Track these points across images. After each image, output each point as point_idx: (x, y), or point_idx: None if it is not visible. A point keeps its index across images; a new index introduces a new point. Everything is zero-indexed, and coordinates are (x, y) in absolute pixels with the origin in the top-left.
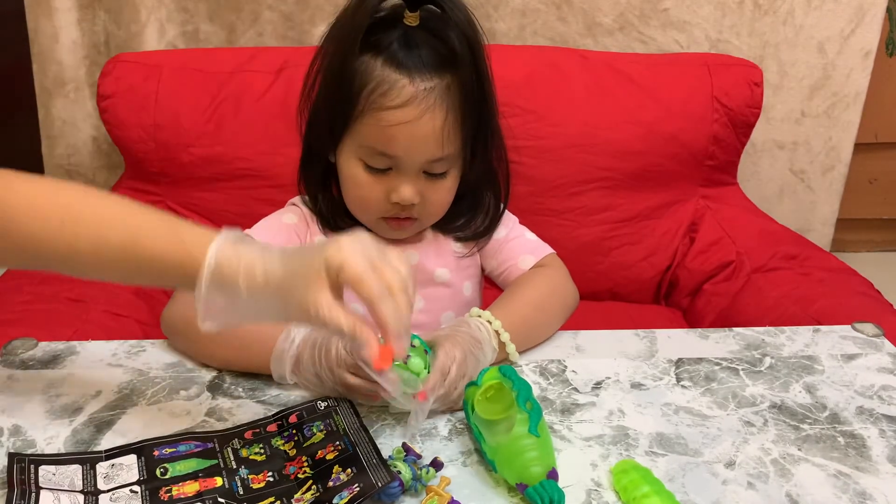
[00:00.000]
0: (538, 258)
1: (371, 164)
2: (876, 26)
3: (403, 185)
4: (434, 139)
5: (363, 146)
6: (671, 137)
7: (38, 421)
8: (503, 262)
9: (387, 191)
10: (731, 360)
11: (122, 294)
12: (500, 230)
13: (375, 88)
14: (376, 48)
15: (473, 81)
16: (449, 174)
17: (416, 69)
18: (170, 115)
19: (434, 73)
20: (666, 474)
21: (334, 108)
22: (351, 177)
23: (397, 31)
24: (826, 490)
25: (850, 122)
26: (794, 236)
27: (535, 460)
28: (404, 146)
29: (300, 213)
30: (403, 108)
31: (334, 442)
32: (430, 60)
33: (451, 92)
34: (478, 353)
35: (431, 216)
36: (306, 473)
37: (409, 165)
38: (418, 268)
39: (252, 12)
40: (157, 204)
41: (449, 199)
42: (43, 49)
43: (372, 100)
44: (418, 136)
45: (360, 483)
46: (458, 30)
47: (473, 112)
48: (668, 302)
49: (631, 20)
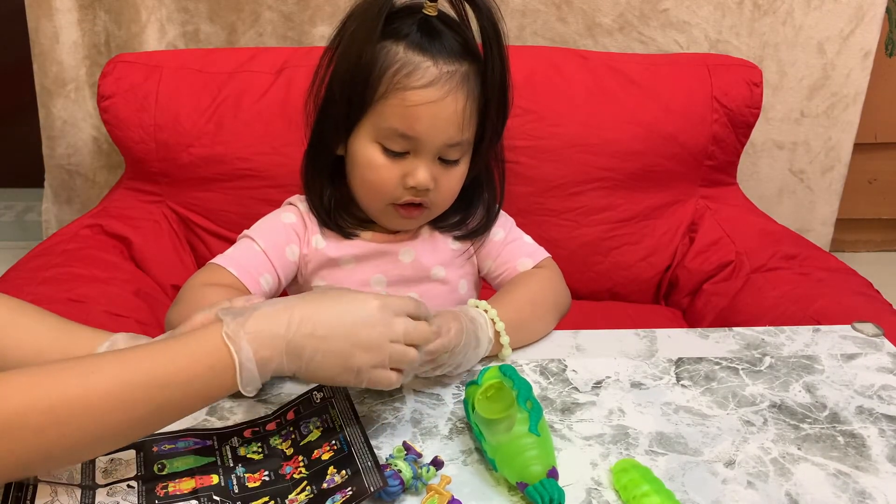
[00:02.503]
0: (536, 261)
1: (390, 147)
2: (875, 26)
3: (420, 168)
4: (455, 121)
5: (384, 128)
6: (671, 138)
7: None
8: (501, 265)
9: (402, 175)
10: (731, 360)
11: (122, 294)
12: (498, 232)
13: (400, 69)
14: (396, 35)
15: (491, 71)
16: (461, 162)
17: (439, 53)
18: (170, 115)
19: (456, 58)
20: (666, 473)
21: (352, 93)
22: (367, 161)
23: (416, 19)
24: (826, 489)
25: (849, 122)
26: (794, 236)
27: (535, 459)
28: (427, 126)
29: (298, 212)
30: (428, 88)
31: (330, 441)
32: (451, 47)
33: (470, 79)
34: (478, 332)
35: (440, 205)
36: (302, 474)
37: (428, 148)
38: (414, 265)
39: (252, 12)
40: (157, 204)
41: (457, 189)
42: (43, 49)
43: (396, 80)
44: (441, 116)
45: (354, 486)
46: (484, 20)
47: (491, 102)
48: (668, 302)
49: (631, 20)
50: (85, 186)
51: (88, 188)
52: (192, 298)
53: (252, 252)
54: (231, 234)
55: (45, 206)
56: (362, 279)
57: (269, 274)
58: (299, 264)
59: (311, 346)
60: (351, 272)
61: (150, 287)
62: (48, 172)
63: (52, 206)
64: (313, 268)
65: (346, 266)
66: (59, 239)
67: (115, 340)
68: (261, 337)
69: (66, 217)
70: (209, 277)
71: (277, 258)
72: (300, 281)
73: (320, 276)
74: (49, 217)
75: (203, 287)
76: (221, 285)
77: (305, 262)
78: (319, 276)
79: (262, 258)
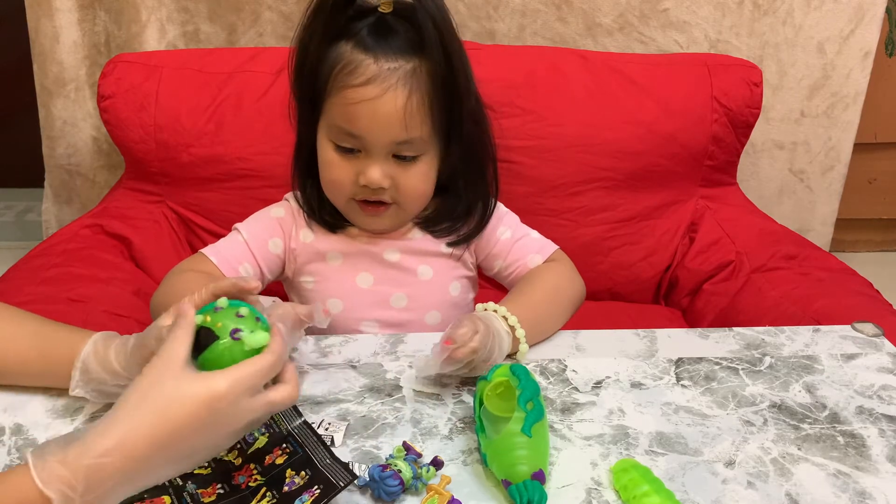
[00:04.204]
0: (545, 256)
1: (339, 144)
2: (875, 26)
3: (371, 167)
4: (397, 119)
5: (332, 126)
6: (671, 137)
7: (39, 420)
8: (512, 263)
9: (356, 173)
10: (731, 360)
11: (122, 294)
12: (505, 231)
13: (343, 68)
14: (349, 34)
15: (442, 67)
16: (420, 160)
17: (381, 51)
18: (170, 115)
19: (400, 55)
20: (666, 473)
21: (309, 92)
22: (323, 159)
23: (371, 17)
24: (825, 489)
25: (849, 122)
26: (794, 236)
27: (523, 459)
28: (366, 124)
29: (289, 207)
30: (365, 86)
31: (280, 445)
32: (397, 44)
33: (417, 75)
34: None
35: (409, 204)
36: (258, 481)
37: (375, 146)
38: (400, 264)
39: (252, 12)
40: (157, 204)
41: (424, 188)
42: (43, 49)
43: (339, 79)
44: (380, 114)
45: (320, 485)
46: (427, 16)
47: (443, 98)
48: (668, 302)
49: (631, 20)
50: (85, 186)
51: (88, 188)
52: (173, 283)
53: (235, 242)
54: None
55: (45, 206)
56: (349, 276)
57: (249, 264)
58: (285, 258)
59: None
60: (337, 268)
61: (150, 287)
62: (48, 172)
63: (52, 206)
64: (302, 262)
65: (333, 262)
66: (59, 239)
67: (94, 342)
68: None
69: (66, 217)
70: (192, 264)
71: (258, 249)
72: (289, 275)
73: (308, 272)
74: (49, 217)
75: (184, 273)
76: (202, 272)
77: (294, 257)
78: (308, 270)
79: (244, 248)
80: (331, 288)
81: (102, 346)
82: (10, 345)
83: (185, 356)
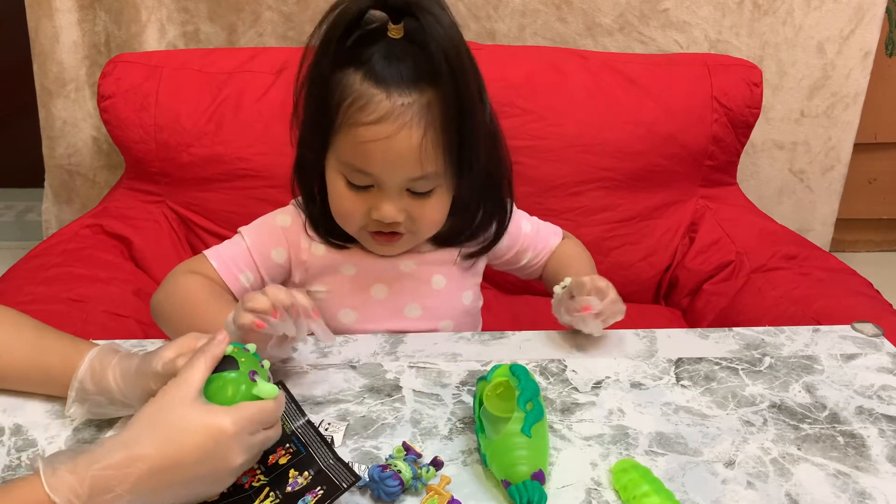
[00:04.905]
0: (560, 236)
1: (352, 181)
2: (875, 27)
3: (385, 203)
4: (412, 157)
5: (343, 162)
6: (671, 137)
7: (39, 420)
8: (539, 252)
9: (368, 207)
10: (731, 360)
11: (123, 294)
12: (526, 226)
13: (353, 103)
14: (358, 61)
15: (454, 97)
16: (435, 192)
17: (394, 84)
18: (170, 115)
19: (413, 87)
20: (665, 474)
21: (317, 121)
22: (333, 191)
23: (381, 43)
24: (825, 489)
25: (849, 122)
26: (794, 236)
27: (523, 459)
28: (380, 164)
29: (296, 215)
30: (379, 125)
31: (284, 444)
32: (409, 74)
33: (431, 108)
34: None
35: (423, 233)
36: (261, 481)
37: (389, 184)
38: (413, 275)
39: (252, 12)
40: (157, 204)
41: (440, 218)
42: (43, 49)
43: (349, 114)
44: (394, 152)
45: (323, 486)
46: (439, 41)
47: (456, 129)
48: (668, 302)
49: (631, 20)
50: (85, 186)
51: (88, 188)
52: (173, 284)
53: (238, 248)
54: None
55: (45, 206)
56: (363, 287)
57: (251, 272)
58: (290, 267)
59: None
60: (351, 279)
61: (151, 287)
62: (48, 172)
63: (52, 206)
64: (314, 273)
65: (347, 272)
66: (59, 239)
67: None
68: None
69: (66, 217)
70: (193, 266)
71: (261, 258)
72: (298, 282)
73: (321, 282)
74: (49, 217)
75: (185, 275)
76: (202, 275)
77: (304, 268)
78: (320, 280)
79: (246, 256)
80: (344, 299)
81: (99, 366)
82: (7, 355)
83: (200, 385)
